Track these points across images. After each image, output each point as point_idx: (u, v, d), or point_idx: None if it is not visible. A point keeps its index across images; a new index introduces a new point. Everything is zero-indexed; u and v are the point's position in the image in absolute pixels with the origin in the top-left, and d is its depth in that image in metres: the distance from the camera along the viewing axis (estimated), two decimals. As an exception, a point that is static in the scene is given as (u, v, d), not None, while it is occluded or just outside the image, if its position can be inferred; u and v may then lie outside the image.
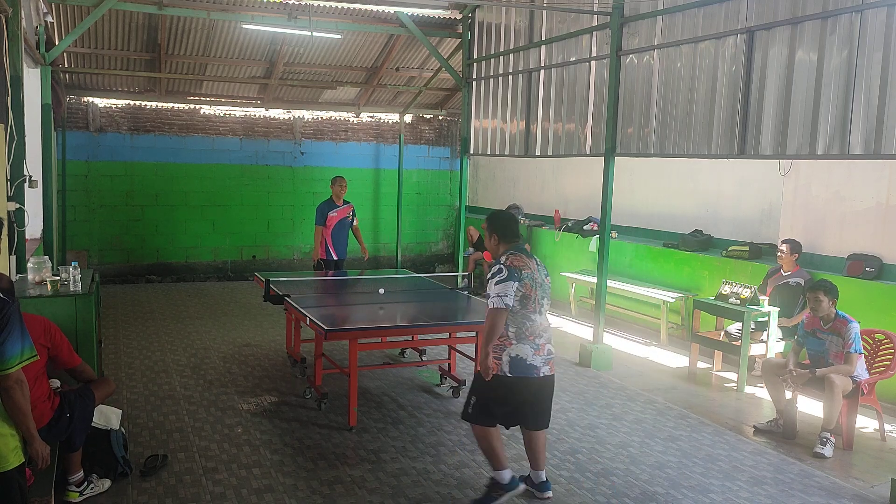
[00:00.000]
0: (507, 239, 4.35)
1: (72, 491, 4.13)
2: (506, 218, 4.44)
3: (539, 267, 4.31)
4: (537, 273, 4.24)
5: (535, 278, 4.20)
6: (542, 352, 4.20)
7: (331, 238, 8.36)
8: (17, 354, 2.91)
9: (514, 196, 12.88)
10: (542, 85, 8.58)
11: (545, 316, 4.29)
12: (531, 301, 4.16)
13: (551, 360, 4.29)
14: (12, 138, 5.89)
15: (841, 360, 5.37)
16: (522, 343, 4.15)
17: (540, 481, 4.44)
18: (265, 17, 9.23)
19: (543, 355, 4.21)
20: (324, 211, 8.34)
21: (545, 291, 4.29)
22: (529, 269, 4.19)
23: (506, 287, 4.07)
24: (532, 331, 4.17)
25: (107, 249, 11.68)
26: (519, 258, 4.21)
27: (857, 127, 5.11)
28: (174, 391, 6.25)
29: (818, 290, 5.46)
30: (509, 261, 4.17)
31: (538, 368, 4.18)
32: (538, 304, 4.21)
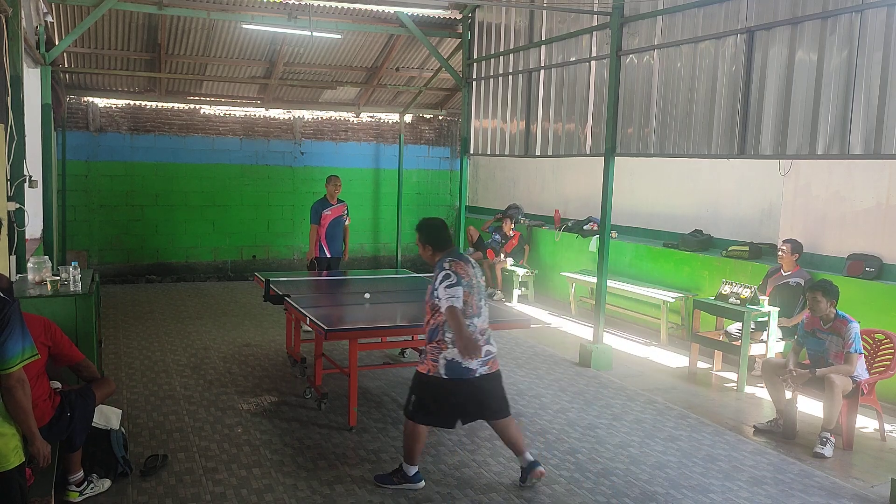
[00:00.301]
0: (440, 247, 4.50)
1: (72, 491, 4.13)
2: (435, 226, 4.56)
3: (475, 270, 4.47)
4: (475, 278, 4.41)
5: (472, 284, 4.36)
6: (477, 354, 4.32)
7: (325, 236, 8.40)
8: (19, 353, 2.93)
9: (514, 196, 12.89)
10: (542, 85, 8.58)
11: (484, 317, 4.46)
12: (469, 307, 4.32)
13: (490, 359, 4.44)
14: (12, 138, 5.89)
15: (841, 360, 5.37)
16: (455, 347, 4.28)
17: (528, 463, 4.54)
18: (265, 17, 9.23)
19: (482, 357, 4.36)
20: (318, 210, 8.38)
21: (482, 293, 4.48)
22: (468, 277, 4.34)
23: (455, 290, 4.23)
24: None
25: (107, 249, 11.68)
26: (461, 266, 4.35)
27: (857, 127, 5.11)
28: (174, 391, 6.25)
29: (817, 291, 5.46)
30: (454, 267, 4.31)
31: (473, 370, 4.34)
32: (476, 307, 4.38)
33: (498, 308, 8.95)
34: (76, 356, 4.17)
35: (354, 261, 13.26)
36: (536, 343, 8.36)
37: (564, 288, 10.32)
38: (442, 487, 4.53)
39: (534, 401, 6.27)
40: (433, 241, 4.52)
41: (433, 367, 4.36)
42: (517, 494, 4.46)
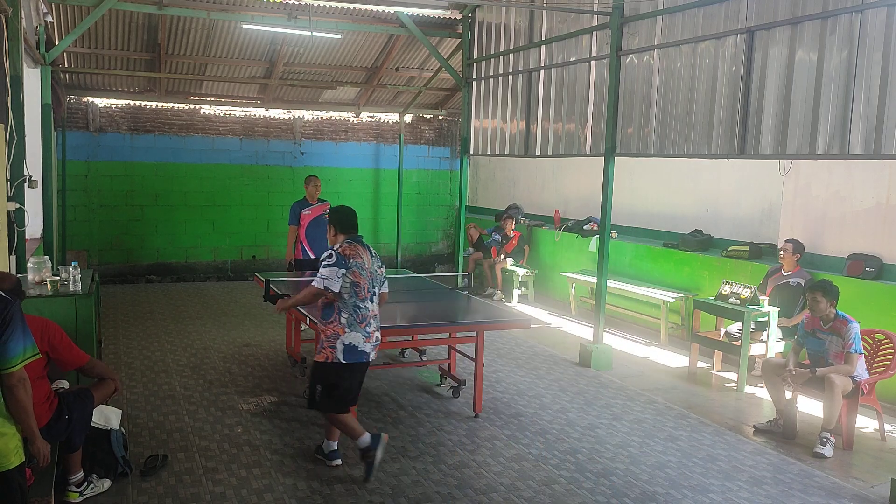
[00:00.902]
0: (343, 230, 4.70)
1: (72, 491, 4.13)
2: (344, 212, 4.78)
3: (373, 258, 4.67)
4: (369, 263, 4.58)
5: (365, 267, 4.53)
6: (371, 339, 4.58)
7: (305, 237, 8.23)
8: (20, 353, 2.95)
9: (514, 196, 12.89)
10: (542, 85, 8.58)
11: (374, 303, 4.64)
12: (361, 289, 4.50)
13: (377, 345, 4.68)
14: (12, 138, 5.89)
15: (841, 360, 5.37)
16: (354, 331, 4.48)
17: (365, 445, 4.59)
18: (265, 17, 9.23)
19: (373, 342, 4.61)
20: (296, 210, 8.24)
21: (376, 280, 4.65)
22: (360, 259, 4.52)
23: (331, 272, 4.42)
24: (362, 318, 4.52)
25: (107, 249, 11.68)
26: (352, 248, 4.55)
27: (857, 127, 5.11)
28: (174, 391, 6.25)
29: (817, 291, 5.46)
30: (341, 249, 4.53)
31: (368, 354, 4.57)
32: (369, 292, 4.56)
33: (498, 308, 8.98)
34: (79, 359, 4.12)
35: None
36: (536, 343, 8.36)
37: (564, 288, 10.32)
38: (442, 487, 4.53)
39: (534, 401, 6.27)
40: (337, 224, 4.73)
41: (331, 353, 4.49)
42: (517, 495, 4.46)
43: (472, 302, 6.81)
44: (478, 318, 6.22)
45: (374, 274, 4.63)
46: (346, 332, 4.47)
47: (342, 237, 4.67)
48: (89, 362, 4.18)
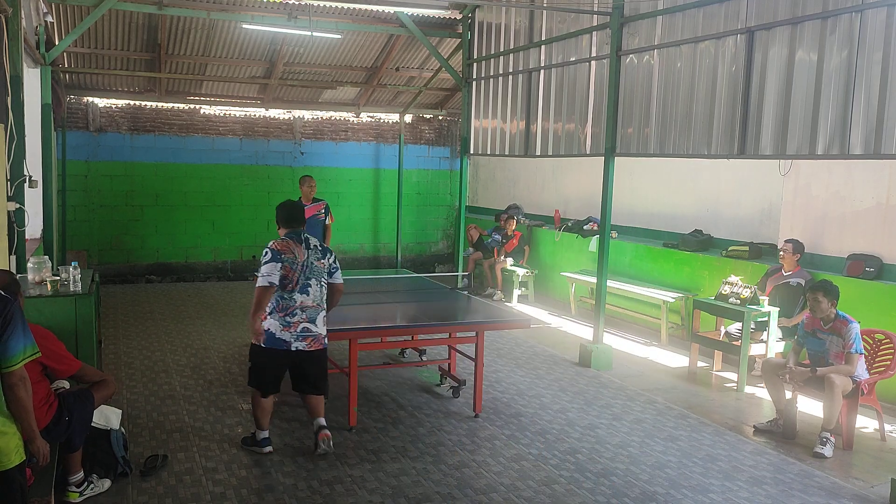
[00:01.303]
0: (284, 225, 4.96)
1: (72, 491, 4.13)
2: (286, 207, 5.03)
3: (311, 251, 4.83)
4: (302, 256, 4.77)
5: (297, 261, 4.75)
6: (292, 328, 4.74)
7: None
8: (21, 351, 2.96)
9: (514, 196, 12.89)
10: (542, 85, 8.58)
11: (310, 296, 4.79)
12: (289, 282, 4.72)
13: (309, 337, 4.79)
14: (12, 138, 5.89)
15: (841, 361, 5.37)
16: (273, 318, 4.73)
17: (319, 426, 4.95)
18: (265, 17, 9.23)
19: (294, 332, 4.75)
20: None
21: (312, 273, 4.81)
22: (292, 254, 4.76)
23: (269, 268, 4.68)
24: (284, 307, 4.73)
25: (107, 249, 11.68)
26: (284, 243, 4.79)
27: (857, 127, 5.11)
28: (174, 391, 6.25)
29: (818, 291, 5.45)
30: (275, 245, 4.79)
31: (287, 343, 4.74)
32: (297, 283, 4.74)
33: (498, 308, 8.98)
34: (71, 368, 4.07)
35: (354, 261, 13.27)
36: (536, 343, 8.36)
37: (564, 288, 10.32)
38: (442, 487, 4.53)
39: (534, 401, 6.27)
40: (279, 219, 5.01)
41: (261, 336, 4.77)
42: (517, 494, 4.46)
43: (472, 302, 6.81)
44: (478, 318, 6.22)
45: (312, 267, 4.80)
46: (267, 318, 4.74)
47: (283, 231, 4.95)
48: (81, 369, 4.14)
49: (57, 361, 3.99)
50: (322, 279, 4.87)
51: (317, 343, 4.85)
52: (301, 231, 4.95)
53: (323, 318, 4.89)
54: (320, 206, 8.47)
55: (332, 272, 4.94)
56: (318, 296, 4.83)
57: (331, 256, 4.97)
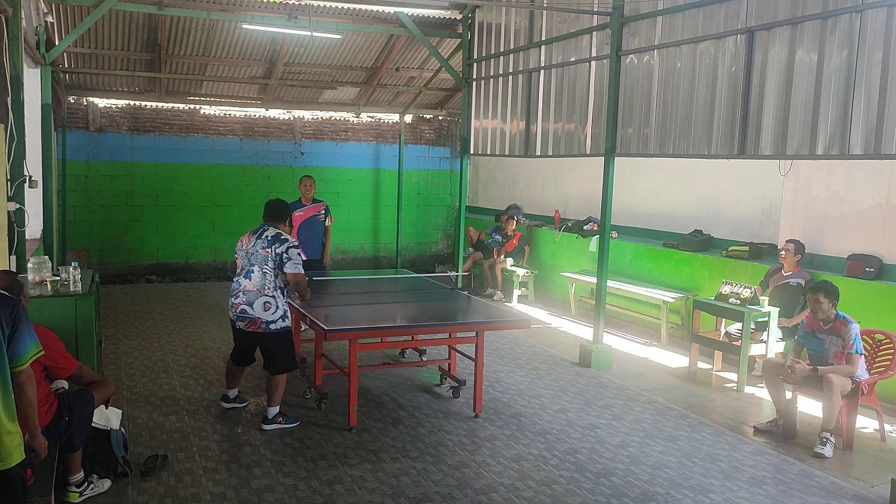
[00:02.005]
0: (263, 219, 5.49)
1: (72, 491, 4.13)
2: (267, 204, 5.55)
3: (258, 241, 5.30)
4: (248, 245, 5.34)
5: (242, 248, 5.41)
6: (234, 309, 5.36)
7: (296, 238, 7.83)
8: (29, 350, 3.05)
9: (514, 196, 12.89)
10: (542, 85, 8.58)
11: (252, 281, 5.28)
12: (237, 266, 5.47)
13: (246, 318, 5.29)
14: (12, 138, 5.89)
15: (841, 361, 5.37)
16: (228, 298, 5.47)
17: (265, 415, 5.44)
18: (265, 17, 9.23)
19: (235, 312, 5.35)
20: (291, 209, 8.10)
21: (256, 260, 5.29)
22: (240, 243, 5.46)
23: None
24: (232, 290, 5.46)
25: (107, 249, 11.68)
26: (243, 236, 5.47)
27: (857, 127, 5.11)
28: (174, 391, 6.25)
29: (819, 292, 5.46)
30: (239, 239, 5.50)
31: (233, 321, 5.42)
32: (242, 269, 5.39)
33: (498, 308, 8.98)
34: (70, 366, 4.08)
35: (354, 261, 13.27)
36: (536, 343, 8.36)
37: (564, 288, 10.32)
38: (442, 487, 4.53)
39: (534, 401, 6.27)
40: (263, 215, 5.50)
41: None
42: (517, 495, 4.46)
43: (472, 302, 6.81)
44: (478, 318, 6.22)
45: (256, 254, 5.27)
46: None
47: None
48: (79, 370, 4.14)
49: (57, 361, 4.00)
50: (265, 266, 5.23)
51: (254, 325, 5.26)
52: (267, 224, 5.40)
53: (263, 303, 5.22)
54: (320, 208, 8.35)
55: (283, 262, 5.23)
56: (259, 281, 5.24)
57: (280, 246, 5.23)
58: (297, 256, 5.27)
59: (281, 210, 5.52)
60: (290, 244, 5.27)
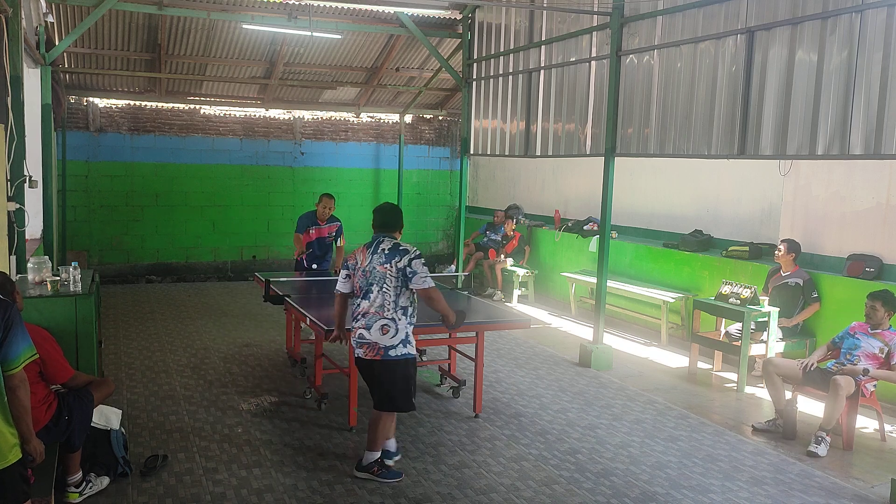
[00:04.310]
0: (374, 229, 4.81)
1: (71, 492, 4.13)
2: (377, 210, 4.89)
3: (374, 256, 4.59)
4: (364, 262, 4.62)
5: (357, 267, 4.64)
6: (353, 334, 4.64)
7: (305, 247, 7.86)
8: (22, 353, 3.03)
9: (514, 196, 12.89)
10: (542, 85, 8.58)
11: (370, 301, 4.55)
12: (354, 287, 4.70)
13: (365, 344, 4.55)
14: (12, 138, 5.89)
15: (871, 361, 5.40)
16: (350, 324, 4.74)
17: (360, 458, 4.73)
18: (265, 17, 9.23)
19: (354, 338, 4.63)
20: (305, 224, 7.87)
21: (374, 278, 4.55)
22: (354, 260, 4.70)
23: (341, 275, 4.78)
24: (352, 313, 4.70)
25: (107, 250, 11.68)
26: (357, 251, 4.75)
27: (857, 127, 5.11)
28: (174, 391, 6.25)
29: (877, 300, 5.49)
30: (353, 253, 4.79)
31: (354, 348, 4.68)
32: (361, 289, 4.63)
33: (498, 308, 8.98)
34: (63, 375, 4.02)
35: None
36: (536, 343, 8.36)
37: (564, 288, 10.32)
38: (442, 487, 4.53)
39: (534, 401, 6.27)
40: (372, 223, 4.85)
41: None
42: (517, 495, 4.46)
43: (472, 302, 6.80)
44: (478, 318, 6.21)
45: (372, 272, 4.53)
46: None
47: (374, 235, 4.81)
48: (73, 378, 4.09)
49: (52, 365, 3.95)
50: (385, 285, 4.49)
51: (371, 352, 4.50)
52: (381, 236, 4.70)
53: (381, 326, 4.47)
54: (333, 228, 7.96)
55: (409, 276, 4.49)
56: (378, 302, 4.49)
57: (400, 260, 4.50)
58: (425, 269, 4.53)
59: (394, 217, 4.83)
60: (412, 255, 4.55)
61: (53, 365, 3.97)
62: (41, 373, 3.87)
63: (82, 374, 4.27)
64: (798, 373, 5.67)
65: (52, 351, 3.99)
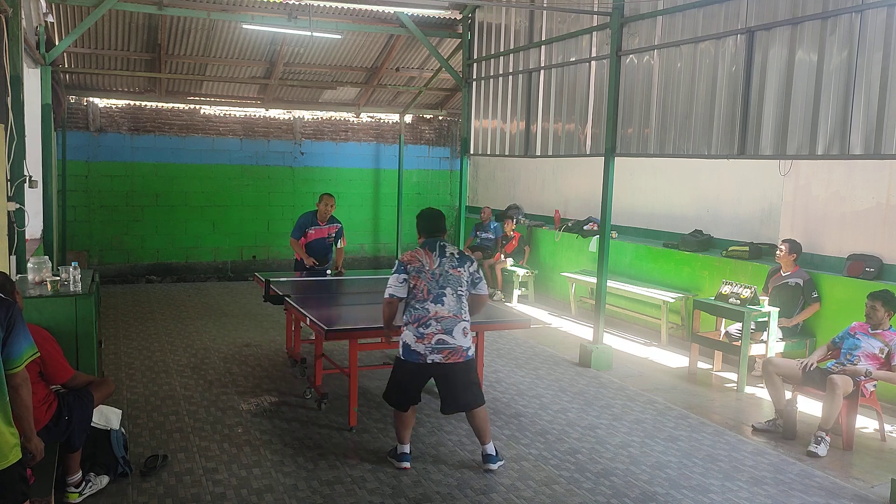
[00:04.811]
0: (423, 234, 4.84)
1: (71, 492, 4.13)
2: (423, 216, 4.89)
3: (443, 259, 4.65)
4: (432, 265, 4.63)
5: (424, 270, 4.62)
6: (426, 340, 4.57)
7: (305, 251, 7.83)
8: (24, 352, 3.04)
9: (514, 196, 12.89)
10: (542, 85, 8.58)
11: (446, 306, 4.60)
12: (418, 290, 4.61)
13: (445, 349, 4.58)
14: (12, 138, 5.89)
15: (870, 361, 5.40)
16: (408, 330, 4.64)
17: (485, 454, 4.80)
18: (265, 17, 9.23)
19: (430, 343, 4.57)
20: (303, 225, 7.83)
21: (447, 281, 4.62)
22: (419, 263, 4.64)
23: (392, 279, 4.67)
24: (416, 318, 4.60)
25: (107, 250, 11.68)
26: (412, 253, 4.71)
27: (857, 127, 5.11)
28: (174, 391, 6.25)
29: (878, 300, 5.48)
30: (403, 256, 4.73)
31: (422, 355, 4.58)
32: (429, 293, 4.59)
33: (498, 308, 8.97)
34: (63, 375, 4.01)
35: (355, 261, 13.27)
36: (536, 343, 8.36)
37: (564, 288, 10.32)
38: (442, 487, 4.53)
39: (534, 401, 6.27)
40: (419, 228, 4.89)
41: (398, 348, 4.75)
42: (517, 494, 4.46)
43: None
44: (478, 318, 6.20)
45: (446, 276, 4.61)
46: (404, 330, 4.68)
47: (421, 240, 4.83)
48: (73, 379, 4.08)
49: (51, 366, 3.94)
50: (459, 289, 4.63)
51: (455, 356, 4.59)
52: (438, 240, 4.77)
53: (462, 329, 4.62)
54: (333, 229, 7.90)
55: (475, 282, 4.73)
56: (454, 306, 4.60)
57: (472, 265, 4.73)
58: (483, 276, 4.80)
59: (443, 221, 4.90)
60: (477, 262, 4.85)
61: (54, 365, 3.97)
62: (41, 373, 3.87)
63: (82, 374, 4.27)
64: (798, 373, 5.67)
65: (53, 351, 3.99)
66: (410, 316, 4.63)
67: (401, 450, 4.80)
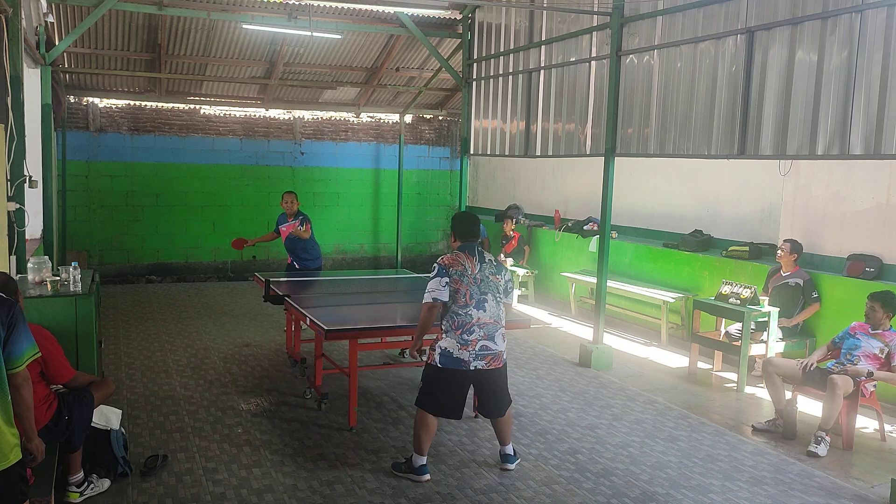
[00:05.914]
0: (459, 238, 4.75)
1: (72, 492, 4.14)
2: (459, 219, 4.84)
3: (483, 265, 4.59)
4: (474, 269, 4.54)
5: (467, 274, 4.51)
6: (471, 347, 4.46)
7: (286, 249, 8.25)
8: (25, 352, 3.05)
9: (514, 196, 12.89)
10: (542, 85, 8.58)
11: (487, 312, 4.52)
12: (460, 295, 4.48)
13: (489, 355, 4.52)
14: (12, 138, 5.88)
15: (870, 361, 5.40)
16: (449, 336, 4.49)
17: (505, 454, 4.81)
18: (265, 17, 9.23)
19: (473, 350, 4.47)
20: (279, 222, 8.28)
21: (488, 287, 4.55)
22: (461, 267, 4.52)
23: (434, 283, 4.51)
24: (459, 324, 4.46)
25: (107, 250, 11.68)
26: (453, 257, 4.59)
27: (857, 127, 5.11)
28: (174, 391, 6.25)
29: (877, 301, 5.48)
30: (443, 260, 4.60)
31: (466, 362, 4.47)
32: (472, 298, 4.49)
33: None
34: (65, 375, 4.01)
35: (354, 261, 13.28)
36: (536, 343, 8.36)
37: (564, 288, 10.32)
38: (442, 487, 4.53)
39: (534, 401, 6.27)
40: (455, 232, 4.80)
41: (432, 355, 4.60)
42: (517, 494, 4.46)
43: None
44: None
45: (487, 281, 4.55)
46: (443, 336, 4.53)
47: (457, 244, 4.75)
48: (74, 379, 4.08)
49: (53, 366, 3.94)
50: (498, 295, 4.60)
51: (496, 361, 4.56)
52: (475, 245, 4.70)
53: (502, 335, 4.59)
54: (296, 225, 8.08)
55: (507, 290, 4.69)
56: (495, 312, 4.55)
57: (506, 273, 4.72)
58: None
59: (479, 226, 4.85)
60: (509, 271, 4.88)
61: (55, 365, 3.96)
62: (42, 372, 3.88)
63: (83, 374, 4.27)
64: (798, 373, 5.67)
65: (54, 350, 3.99)
66: (452, 322, 4.48)
67: (419, 462, 4.60)
